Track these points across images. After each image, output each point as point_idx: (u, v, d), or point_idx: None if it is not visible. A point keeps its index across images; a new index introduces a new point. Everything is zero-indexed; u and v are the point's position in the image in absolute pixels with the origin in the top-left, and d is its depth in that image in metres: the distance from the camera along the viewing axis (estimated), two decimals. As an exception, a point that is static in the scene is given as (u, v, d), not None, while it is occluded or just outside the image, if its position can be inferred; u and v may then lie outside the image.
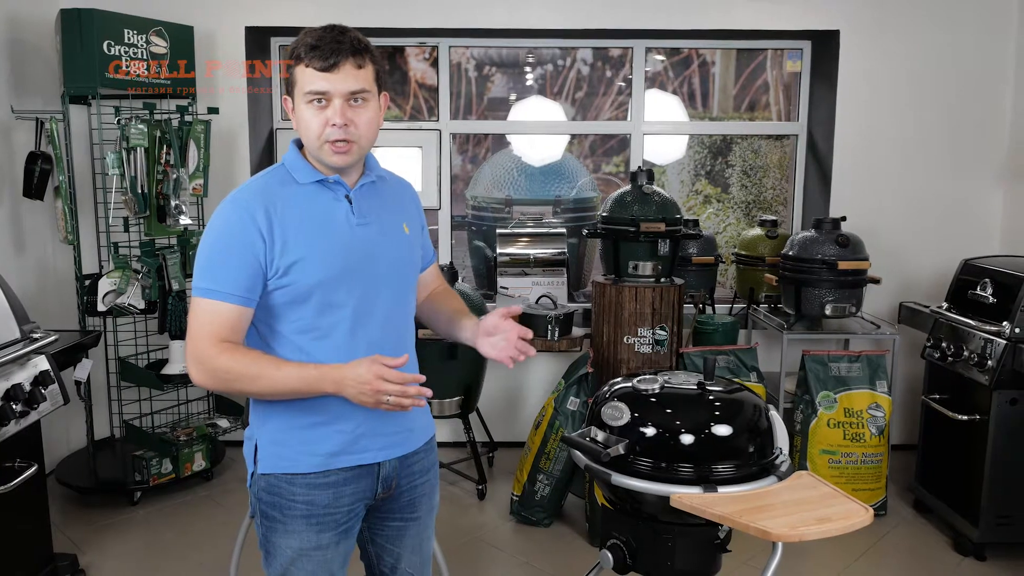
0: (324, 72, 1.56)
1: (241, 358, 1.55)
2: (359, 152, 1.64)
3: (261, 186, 1.64)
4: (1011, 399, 3.06)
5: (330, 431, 1.65)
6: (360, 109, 1.60)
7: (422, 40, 4.37)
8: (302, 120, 1.61)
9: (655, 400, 2.02)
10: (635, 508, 2.02)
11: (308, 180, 1.65)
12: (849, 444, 3.48)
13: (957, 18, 4.10)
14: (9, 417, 2.46)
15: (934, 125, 4.18)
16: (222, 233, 1.59)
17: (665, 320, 3.44)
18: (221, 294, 1.56)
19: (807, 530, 1.68)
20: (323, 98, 1.57)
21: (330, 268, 1.61)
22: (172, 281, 3.66)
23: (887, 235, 4.12)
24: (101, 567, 3.11)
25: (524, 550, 3.27)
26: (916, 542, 3.37)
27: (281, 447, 1.66)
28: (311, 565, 1.68)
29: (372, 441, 1.69)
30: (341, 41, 1.58)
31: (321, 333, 1.62)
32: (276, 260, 1.58)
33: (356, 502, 1.71)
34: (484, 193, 4.82)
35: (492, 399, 4.28)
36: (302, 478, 1.65)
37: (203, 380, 1.58)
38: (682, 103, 4.72)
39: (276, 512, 1.67)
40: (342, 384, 1.53)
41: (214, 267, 1.58)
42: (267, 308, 1.62)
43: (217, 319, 1.56)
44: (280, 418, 1.66)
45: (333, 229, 1.64)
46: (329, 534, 1.68)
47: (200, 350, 1.56)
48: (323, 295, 1.61)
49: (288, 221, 1.59)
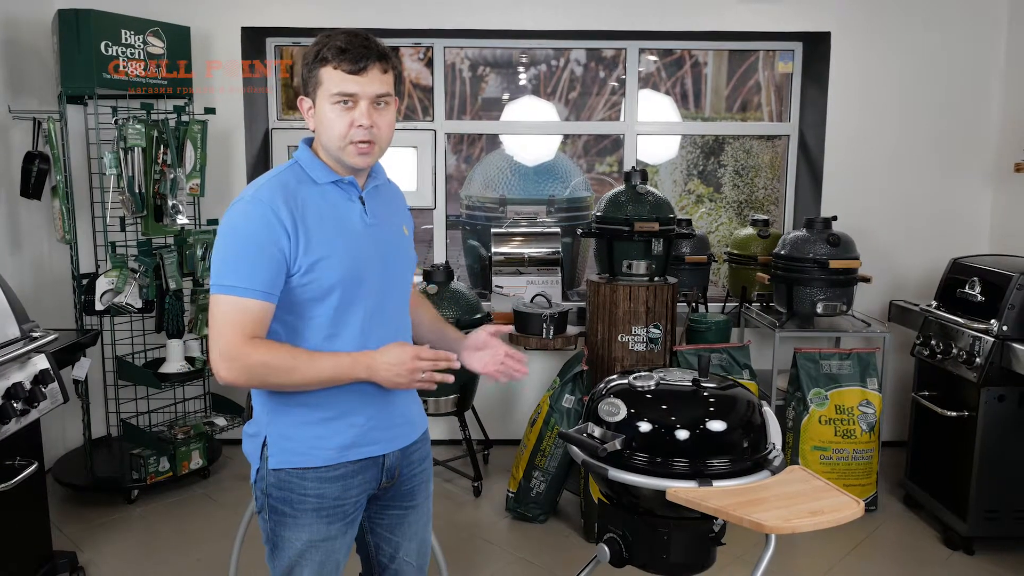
0: (353, 75, 1.60)
1: (277, 352, 1.59)
2: (379, 153, 1.69)
3: (279, 184, 1.65)
4: (999, 396, 3.10)
5: (342, 425, 1.70)
6: (383, 112, 1.65)
7: (417, 41, 4.40)
8: (326, 120, 1.64)
9: (651, 396, 2.05)
10: (631, 503, 2.05)
11: (325, 180, 1.68)
12: (840, 440, 3.53)
13: (947, 21, 4.16)
14: (10, 415, 2.47)
15: (924, 126, 4.23)
16: (245, 230, 1.60)
17: (659, 318, 3.48)
18: (247, 291, 1.57)
19: (800, 523, 1.72)
20: (351, 100, 1.62)
21: (350, 266, 1.65)
22: (169, 280, 3.68)
23: (877, 235, 4.17)
24: (99, 565, 3.13)
25: (520, 546, 3.30)
26: (906, 537, 3.42)
27: (292, 442, 1.69)
28: (320, 555, 1.72)
29: (381, 434, 1.75)
30: (368, 46, 1.62)
31: (335, 331, 1.66)
32: (300, 257, 1.61)
33: (362, 493, 1.76)
34: (478, 193, 4.85)
35: (487, 397, 4.31)
36: (314, 472, 1.69)
37: (234, 376, 1.58)
38: (675, 103, 4.76)
39: (286, 507, 1.70)
40: (375, 369, 1.61)
41: (239, 264, 1.59)
42: (288, 305, 1.64)
43: (245, 316, 1.57)
44: (292, 414, 1.69)
45: (350, 229, 1.68)
46: (338, 525, 1.73)
47: (231, 347, 1.56)
48: (343, 292, 1.65)
49: (309, 219, 1.63)
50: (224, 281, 1.59)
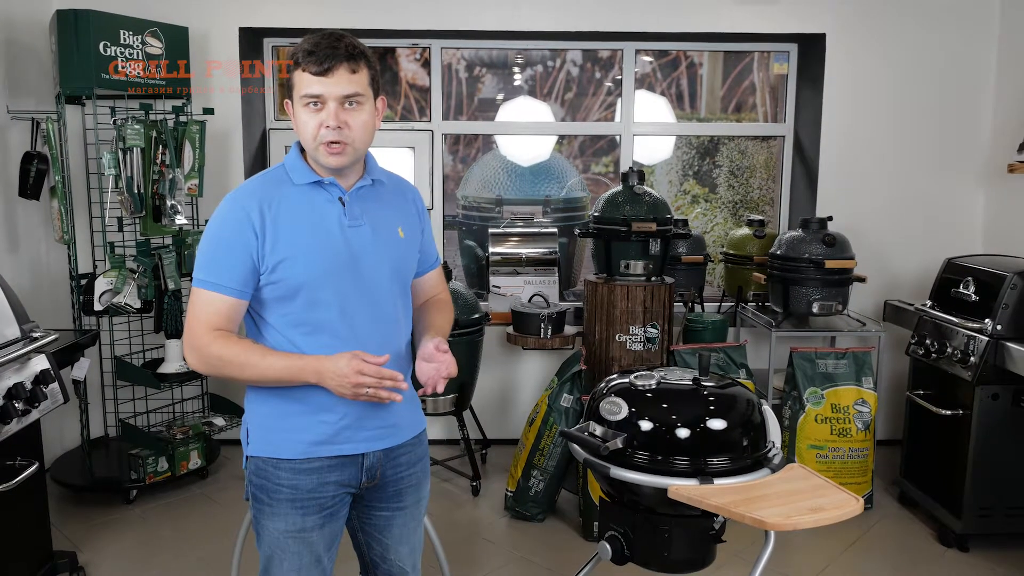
0: (319, 76, 1.63)
1: (232, 347, 1.66)
2: (354, 153, 1.70)
3: (258, 185, 1.73)
4: (993, 394, 3.14)
5: (313, 421, 1.72)
6: (354, 112, 1.66)
7: (414, 41, 4.41)
8: (299, 122, 1.68)
9: (652, 395, 2.08)
10: (632, 501, 2.07)
11: (304, 181, 1.72)
12: (836, 439, 3.55)
13: (940, 24, 4.19)
14: (11, 415, 2.48)
15: (918, 127, 4.27)
16: (220, 229, 1.69)
17: (656, 318, 3.50)
18: (217, 286, 1.66)
19: (801, 519, 1.74)
20: (318, 101, 1.64)
21: (316, 267, 1.68)
22: (168, 280, 3.69)
23: (872, 235, 4.20)
24: (99, 564, 3.14)
25: (519, 544, 3.32)
26: (901, 534, 3.45)
27: (268, 432, 1.75)
28: (296, 546, 1.75)
29: (355, 433, 1.76)
30: (336, 47, 1.64)
31: (311, 329, 1.70)
32: (267, 256, 1.66)
33: (340, 489, 1.77)
34: (474, 193, 4.86)
35: (485, 397, 4.32)
36: (287, 463, 1.73)
37: (197, 365, 1.70)
38: (670, 104, 4.79)
39: (264, 495, 1.75)
40: (322, 375, 1.63)
41: (212, 260, 1.68)
42: (259, 301, 1.71)
43: (212, 309, 1.66)
44: (268, 405, 1.74)
45: (324, 229, 1.70)
46: (314, 517, 1.75)
47: (194, 337, 1.67)
48: (309, 292, 1.68)
49: (281, 220, 1.67)
50: (198, 275, 1.69)
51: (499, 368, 4.38)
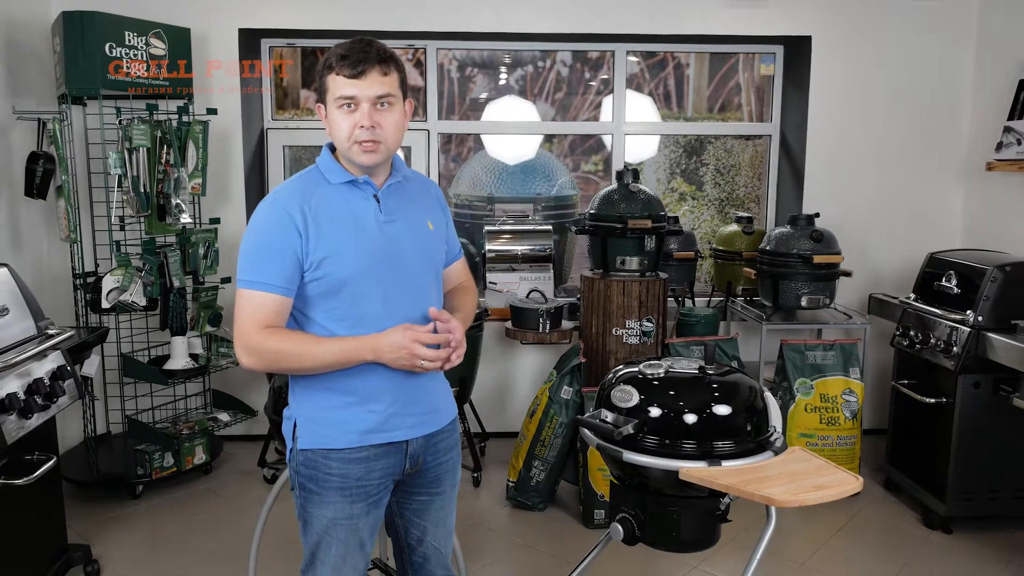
0: (352, 79, 1.71)
1: (287, 339, 1.73)
2: (386, 152, 1.78)
3: (297, 186, 1.80)
4: (975, 383, 3.27)
5: (363, 411, 1.80)
6: (386, 112, 1.75)
7: (410, 43, 4.48)
8: (334, 123, 1.76)
9: (660, 383, 2.18)
10: (642, 483, 2.17)
11: (339, 180, 1.80)
12: (825, 428, 3.68)
13: (921, 27, 4.34)
14: (33, 410, 2.54)
15: (900, 127, 4.42)
16: (264, 231, 1.75)
17: (651, 312, 3.61)
18: (265, 285, 1.72)
19: (807, 496, 1.85)
20: (352, 102, 1.72)
21: (359, 262, 1.76)
22: (173, 278, 3.74)
23: (857, 231, 4.34)
24: (111, 558, 3.19)
25: (522, 532, 3.42)
26: (888, 518, 3.58)
27: (318, 425, 1.81)
28: (343, 532, 1.82)
29: (402, 420, 1.84)
30: (368, 51, 1.72)
31: (354, 322, 1.77)
32: (311, 254, 1.73)
33: (385, 476, 1.85)
34: (466, 191, 4.95)
35: (483, 391, 4.40)
36: (337, 453, 1.80)
37: (253, 363, 1.75)
38: (656, 104, 4.90)
39: (313, 484, 1.82)
40: (379, 350, 1.72)
41: (258, 261, 1.73)
42: (303, 299, 1.77)
43: (262, 308, 1.72)
44: (317, 398, 1.81)
45: (362, 226, 1.79)
46: (360, 504, 1.82)
47: (247, 337, 1.72)
48: (353, 287, 1.76)
49: (322, 218, 1.74)
50: (244, 276, 1.74)
51: (496, 363, 4.47)
